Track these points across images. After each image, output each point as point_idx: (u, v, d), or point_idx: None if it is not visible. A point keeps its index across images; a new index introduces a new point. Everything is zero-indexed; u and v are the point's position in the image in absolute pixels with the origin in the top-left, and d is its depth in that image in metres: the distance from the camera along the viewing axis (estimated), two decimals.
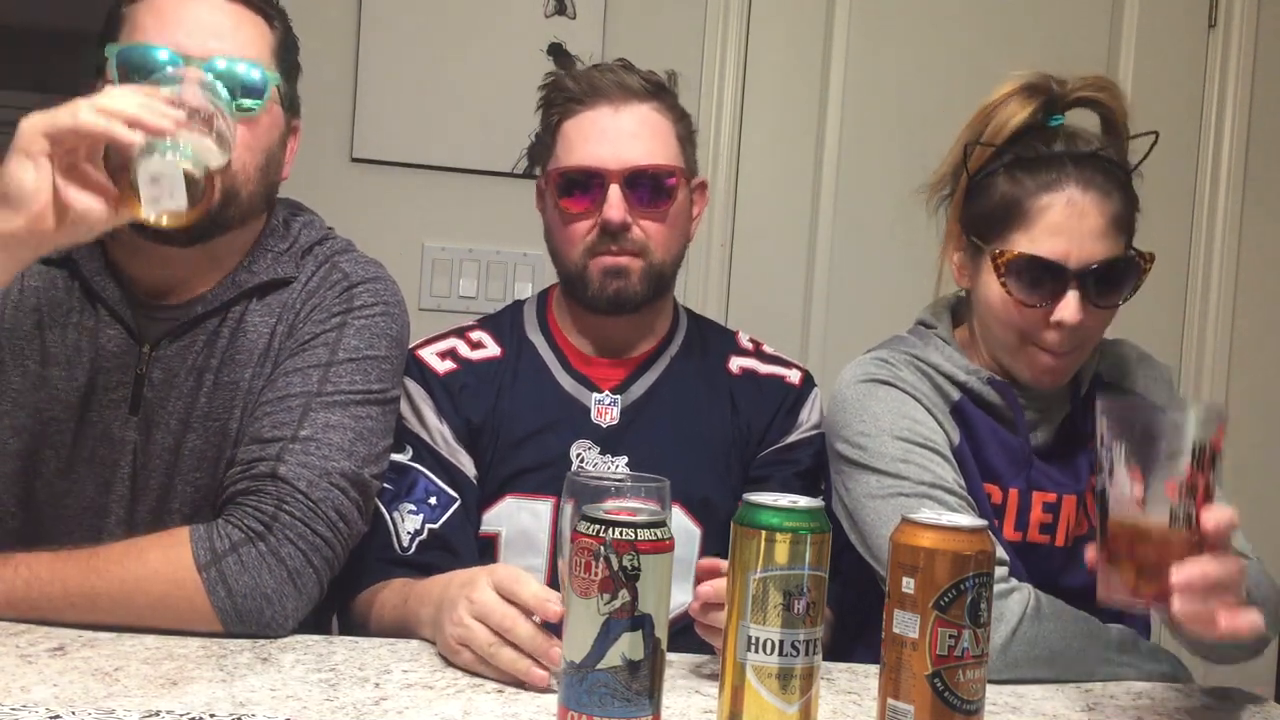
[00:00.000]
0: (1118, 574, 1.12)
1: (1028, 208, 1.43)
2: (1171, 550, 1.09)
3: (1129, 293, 1.46)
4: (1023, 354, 1.48)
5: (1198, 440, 1.09)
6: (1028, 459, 1.49)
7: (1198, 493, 1.09)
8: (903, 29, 2.81)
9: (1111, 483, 1.12)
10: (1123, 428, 1.11)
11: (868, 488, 1.46)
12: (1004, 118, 1.48)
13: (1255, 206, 2.92)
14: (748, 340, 1.74)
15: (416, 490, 1.53)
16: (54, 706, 1.04)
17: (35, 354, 1.42)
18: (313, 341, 1.43)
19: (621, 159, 1.56)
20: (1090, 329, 1.45)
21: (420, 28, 2.58)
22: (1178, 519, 1.09)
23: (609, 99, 1.58)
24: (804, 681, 1.01)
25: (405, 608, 1.39)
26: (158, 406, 1.41)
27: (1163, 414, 1.12)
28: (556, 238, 1.62)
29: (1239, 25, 2.89)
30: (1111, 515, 1.12)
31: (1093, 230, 1.41)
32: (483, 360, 1.63)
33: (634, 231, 1.57)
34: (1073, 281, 1.41)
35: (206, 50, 1.36)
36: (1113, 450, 1.11)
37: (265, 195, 1.46)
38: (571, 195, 1.57)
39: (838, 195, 2.79)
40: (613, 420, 1.61)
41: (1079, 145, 1.46)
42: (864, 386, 1.51)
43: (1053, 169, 1.43)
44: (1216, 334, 2.92)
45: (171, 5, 1.38)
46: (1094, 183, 1.42)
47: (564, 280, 1.63)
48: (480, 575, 1.25)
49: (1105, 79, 1.52)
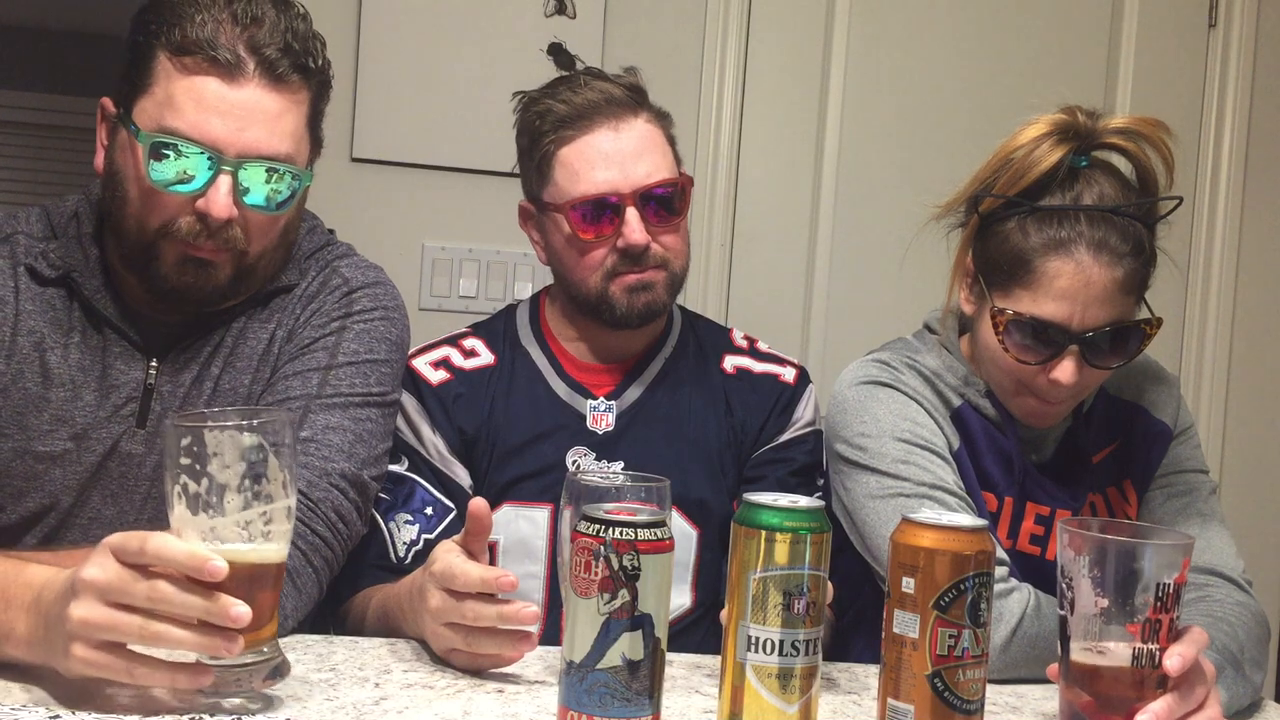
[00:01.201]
0: (1079, 702, 1.09)
1: (1035, 268, 1.37)
2: (1135, 690, 1.07)
3: (1132, 355, 1.42)
4: (1016, 398, 1.46)
5: (1161, 580, 1.06)
6: (1021, 469, 1.48)
7: (1161, 631, 1.06)
8: (903, 29, 2.81)
9: (1072, 614, 1.09)
10: (1084, 557, 1.07)
11: (868, 488, 1.46)
12: (1026, 165, 1.39)
13: (1255, 206, 2.92)
14: (742, 338, 1.74)
15: (413, 500, 1.53)
16: (54, 706, 1.04)
17: (35, 375, 1.40)
18: (312, 346, 1.43)
19: (632, 181, 1.55)
20: (1088, 383, 1.43)
21: (420, 28, 2.58)
22: (1140, 659, 1.06)
23: (605, 119, 1.56)
24: (804, 681, 1.01)
25: (387, 616, 1.39)
26: (164, 417, 1.41)
27: (1126, 549, 1.07)
28: (569, 264, 1.59)
29: (1239, 25, 2.89)
30: (1073, 654, 1.09)
31: (1099, 296, 1.36)
32: (476, 369, 1.63)
33: (653, 249, 1.56)
34: (1073, 345, 1.38)
35: (241, 148, 1.32)
36: (1073, 582, 1.08)
37: (286, 250, 1.46)
38: (587, 224, 1.55)
39: (838, 195, 2.78)
40: (608, 427, 1.61)
41: (1099, 194, 1.38)
42: (865, 388, 1.51)
43: (1065, 226, 1.36)
44: (1216, 334, 2.92)
45: (212, 91, 1.31)
46: (1107, 245, 1.35)
47: (582, 304, 1.60)
48: (426, 582, 1.23)
49: (1150, 121, 1.43)
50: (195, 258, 1.35)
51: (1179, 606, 1.08)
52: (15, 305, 1.41)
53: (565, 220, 1.56)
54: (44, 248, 1.42)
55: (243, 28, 1.33)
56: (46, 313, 1.41)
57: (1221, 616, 1.36)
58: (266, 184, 1.35)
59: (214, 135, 1.31)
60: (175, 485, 1.04)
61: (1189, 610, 1.38)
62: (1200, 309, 2.91)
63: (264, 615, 1.06)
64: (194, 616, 1.00)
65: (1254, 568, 1.52)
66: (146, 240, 1.35)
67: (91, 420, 1.40)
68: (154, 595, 1.00)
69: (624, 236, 1.54)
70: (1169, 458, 1.54)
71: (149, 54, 1.34)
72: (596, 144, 1.55)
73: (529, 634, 1.18)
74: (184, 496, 1.04)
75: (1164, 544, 1.09)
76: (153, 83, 1.33)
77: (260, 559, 1.06)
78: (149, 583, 1.00)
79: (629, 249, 1.55)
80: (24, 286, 1.41)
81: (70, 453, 1.39)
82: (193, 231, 1.33)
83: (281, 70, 1.34)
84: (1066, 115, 1.41)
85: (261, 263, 1.41)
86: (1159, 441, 1.54)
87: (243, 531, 1.05)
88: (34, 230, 1.44)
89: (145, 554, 1.00)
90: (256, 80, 1.33)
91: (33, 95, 5.06)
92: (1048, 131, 1.40)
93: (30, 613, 1.07)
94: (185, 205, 1.33)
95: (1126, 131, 1.42)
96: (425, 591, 1.22)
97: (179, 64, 1.32)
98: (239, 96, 1.32)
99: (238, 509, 1.04)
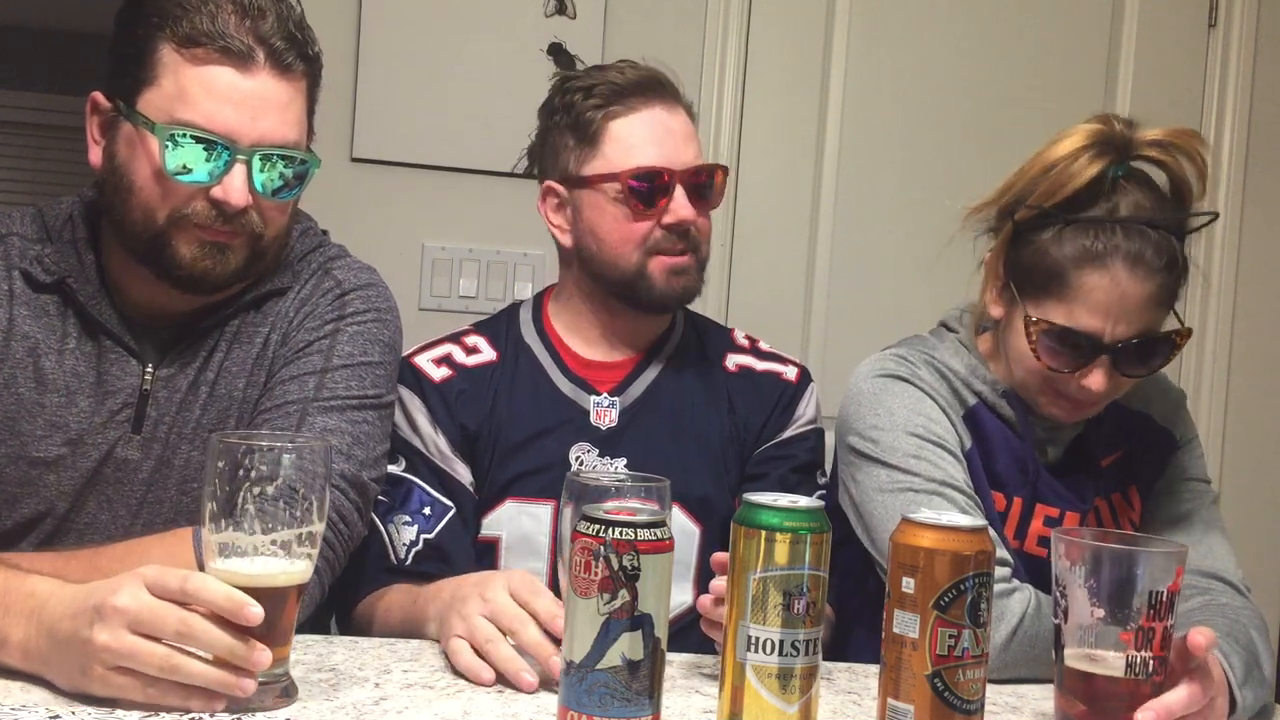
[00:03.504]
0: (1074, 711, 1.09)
1: (1070, 280, 1.38)
2: (1128, 698, 1.07)
3: (1160, 364, 1.43)
4: (1043, 397, 1.46)
5: (1155, 589, 1.06)
6: (1035, 471, 1.49)
7: (1155, 639, 1.07)
8: (903, 28, 2.80)
9: (1067, 623, 1.09)
10: (1079, 566, 1.07)
11: (877, 481, 1.46)
12: (1065, 178, 1.39)
13: (1255, 206, 2.92)
14: (743, 337, 1.75)
15: (411, 502, 1.53)
16: (54, 706, 1.04)
17: (29, 380, 1.39)
18: (307, 349, 1.43)
19: (683, 160, 1.58)
20: (1118, 390, 1.44)
21: (420, 28, 2.57)
22: (1134, 667, 1.07)
23: (659, 99, 1.59)
24: (804, 681, 1.01)
25: (414, 607, 1.40)
26: (159, 423, 1.41)
27: (1120, 557, 1.07)
28: (609, 239, 1.59)
29: (1239, 25, 2.89)
30: (1067, 661, 1.09)
31: (1133, 310, 1.37)
32: (479, 366, 1.63)
33: (693, 229, 1.59)
34: (1104, 355, 1.38)
35: (255, 137, 1.33)
36: (1068, 591, 1.08)
37: (288, 234, 1.47)
38: (638, 197, 1.56)
39: (838, 195, 2.78)
40: (611, 422, 1.61)
41: (1135, 204, 1.38)
42: (880, 381, 1.51)
43: (1101, 239, 1.36)
44: (1216, 334, 2.92)
45: (224, 81, 1.33)
46: (1142, 259, 1.36)
47: (613, 283, 1.60)
48: (497, 578, 1.27)
49: (1185, 132, 1.42)
50: (212, 242, 1.36)
51: (1173, 615, 1.08)
52: (9, 310, 1.40)
53: (617, 191, 1.57)
54: (39, 251, 1.42)
55: (250, 19, 1.34)
56: (40, 318, 1.41)
57: (1236, 619, 1.37)
58: (280, 171, 1.36)
59: (229, 125, 1.32)
60: (210, 503, 1.07)
61: (1199, 609, 1.39)
62: (1200, 310, 2.91)
63: (281, 635, 1.09)
64: (217, 654, 1.04)
65: (1252, 574, 1.53)
66: (156, 230, 1.35)
67: (87, 426, 1.39)
68: (184, 630, 1.03)
69: (672, 212, 1.56)
70: (1173, 466, 1.55)
71: (151, 47, 1.34)
72: (652, 119, 1.58)
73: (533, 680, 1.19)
74: (215, 510, 1.07)
75: (1158, 552, 1.09)
76: (159, 75, 1.34)
77: (287, 580, 1.09)
78: (180, 616, 1.03)
79: (677, 224, 1.57)
80: (18, 291, 1.41)
81: (65, 458, 1.39)
82: (208, 215, 1.34)
83: (289, 60, 1.36)
84: (1103, 125, 1.41)
85: (273, 246, 1.42)
86: (1164, 450, 1.55)
87: (274, 550, 1.08)
88: (27, 232, 1.44)
89: (184, 592, 1.04)
90: (267, 70, 1.34)
91: (33, 95, 5.05)
92: (1087, 144, 1.40)
93: (30, 621, 1.08)
94: (198, 193, 1.34)
95: (1162, 144, 1.41)
96: (490, 584, 1.25)
97: (188, 55, 1.33)
98: (251, 86, 1.33)
99: (269, 528, 1.08)
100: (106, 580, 1.06)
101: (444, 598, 1.32)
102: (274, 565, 1.08)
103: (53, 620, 1.07)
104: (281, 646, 1.09)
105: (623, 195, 1.56)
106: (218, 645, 1.03)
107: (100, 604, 1.04)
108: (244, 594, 1.04)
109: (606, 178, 1.57)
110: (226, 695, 1.05)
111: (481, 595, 1.25)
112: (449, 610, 1.28)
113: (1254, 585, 1.48)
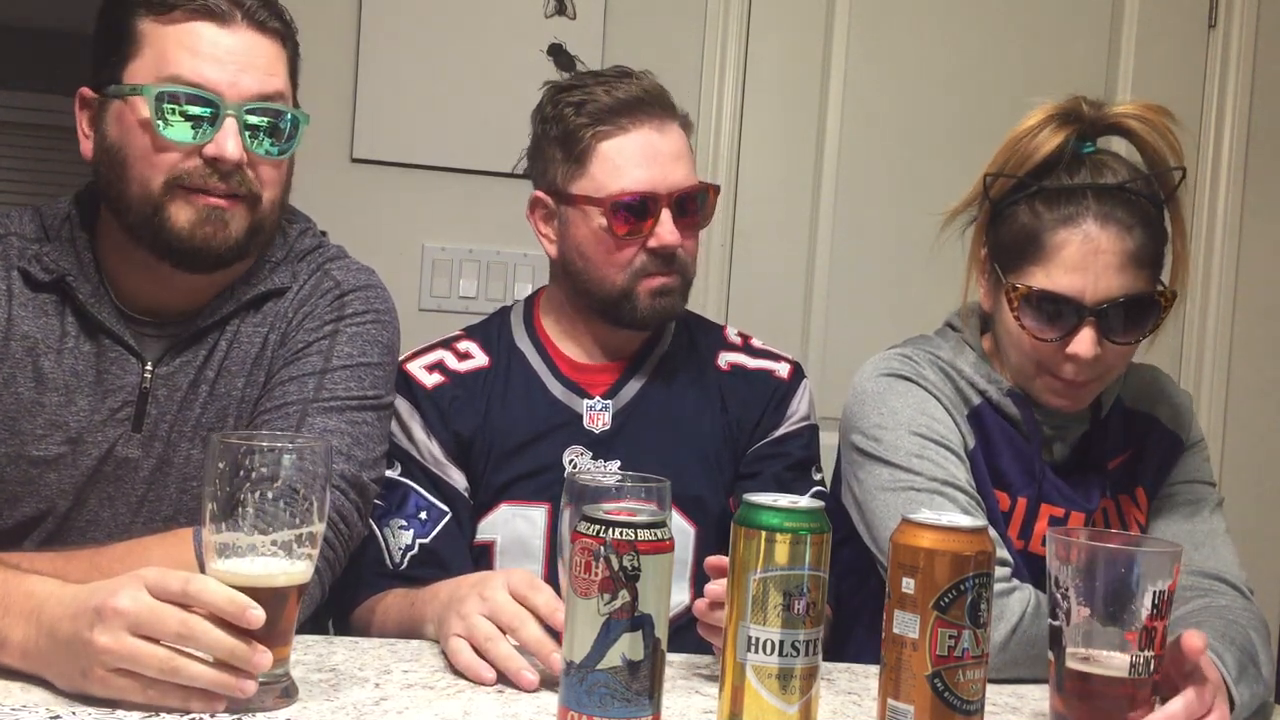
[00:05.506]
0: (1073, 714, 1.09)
1: (1045, 242, 1.40)
2: (1129, 698, 1.07)
3: (1149, 329, 1.44)
4: (1039, 381, 1.47)
5: (1156, 587, 1.06)
6: (1040, 471, 1.49)
7: (1156, 638, 1.06)
8: (903, 29, 2.81)
9: (1068, 625, 1.09)
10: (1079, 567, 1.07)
11: (880, 480, 1.46)
12: (1031, 148, 1.43)
13: (1255, 206, 2.92)
14: (736, 335, 1.74)
15: (407, 506, 1.53)
16: (54, 707, 1.04)
17: (28, 380, 1.40)
18: (306, 350, 1.44)
19: (670, 182, 1.56)
20: (1109, 362, 1.44)
21: (420, 28, 2.57)
22: (1137, 666, 1.06)
23: (649, 117, 1.57)
24: (804, 682, 1.01)
25: (412, 609, 1.40)
26: (160, 421, 1.41)
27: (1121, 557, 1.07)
28: (595, 260, 1.58)
29: (1239, 25, 2.89)
30: (1067, 663, 1.09)
31: (1110, 266, 1.38)
32: (471, 371, 1.63)
33: (679, 252, 1.58)
34: (1088, 317, 1.39)
35: (242, 91, 1.35)
36: (1068, 592, 1.08)
37: (283, 208, 1.47)
38: (624, 221, 1.55)
39: (838, 195, 2.78)
40: (605, 425, 1.61)
41: (1105, 175, 1.41)
42: (885, 380, 1.51)
43: (1072, 202, 1.40)
44: (1216, 334, 2.92)
45: (206, 37, 1.35)
46: (1114, 217, 1.38)
47: (598, 301, 1.60)
48: (496, 577, 1.27)
49: (1152, 106, 1.46)
50: (211, 207, 1.35)
51: (1170, 614, 1.08)
52: (8, 309, 1.40)
53: (601, 215, 1.56)
54: (37, 250, 1.42)
55: None
56: (39, 317, 1.41)
57: (1234, 619, 1.37)
58: (269, 124, 1.37)
59: (213, 80, 1.34)
60: (210, 503, 1.08)
61: (1198, 611, 1.39)
62: (1200, 310, 2.91)
63: (282, 635, 1.09)
64: (218, 656, 1.04)
65: (1252, 575, 1.52)
66: (154, 200, 1.35)
67: (86, 425, 1.39)
68: (185, 631, 1.03)
69: (657, 236, 1.55)
70: (1179, 468, 1.56)
71: (127, 24, 1.36)
72: (642, 141, 1.56)
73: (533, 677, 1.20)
74: (215, 511, 1.07)
75: (1157, 551, 1.09)
76: (141, 46, 1.36)
77: (287, 580, 1.09)
78: (181, 618, 1.03)
79: (661, 249, 1.56)
80: (17, 290, 1.41)
81: (65, 457, 1.39)
82: (204, 175, 1.34)
83: (264, 18, 1.38)
84: (1069, 102, 1.45)
85: (270, 217, 1.42)
86: (1171, 452, 1.56)
87: (274, 550, 1.08)
88: (26, 231, 1.44)
89: (186, 595, 1.04)
90: (245, 25, 1.36)
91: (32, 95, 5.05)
92: (1050, 115, 1.44)
93: (30, 622, 1.08)
94: (191, 153, 1.34)
95: (1129, 115, 1.45)
96: (489, 584, 1.25)
97: (164, 19, 1.35)
98: (232, 41, 1.35)
99: (269, 528, 1.08)
100: (107, 581, 1.06)
101: (442, 598, 1.32)
102: (274, 566, 1.08)
103: (53, 621, 1.07)
104: (282, 647, 1.10)
105: (608, 218, 1.56)
106: (218, 647, 1.03)
107: (101, 605, 1.04)
108: (246, 597, 1.04)
109: (593, 200, 1.56)
110: (227, 696, 1.05)
111: (480, 594, 1.25)
112: (447, 610, 1.28)
113: (1254, 586, 1.48)
